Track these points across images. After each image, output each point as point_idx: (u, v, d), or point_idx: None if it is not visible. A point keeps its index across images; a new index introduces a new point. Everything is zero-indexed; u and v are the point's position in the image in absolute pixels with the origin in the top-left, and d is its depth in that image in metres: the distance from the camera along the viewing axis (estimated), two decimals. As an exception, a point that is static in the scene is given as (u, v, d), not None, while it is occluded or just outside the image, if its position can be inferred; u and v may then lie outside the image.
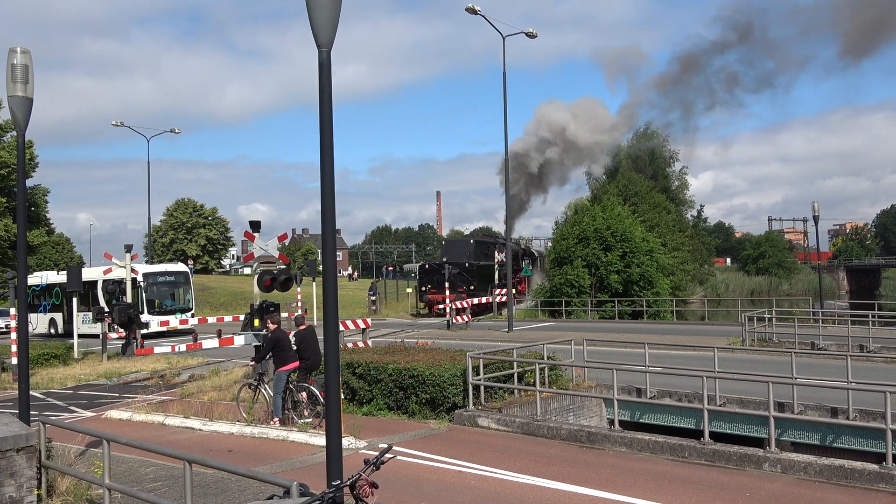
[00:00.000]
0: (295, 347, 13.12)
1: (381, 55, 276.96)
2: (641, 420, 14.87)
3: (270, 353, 13.13)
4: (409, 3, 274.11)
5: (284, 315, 19.63)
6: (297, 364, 12.93)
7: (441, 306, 35.23)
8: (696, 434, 12.46)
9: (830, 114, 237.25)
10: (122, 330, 25.91)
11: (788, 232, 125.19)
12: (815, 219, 37.15)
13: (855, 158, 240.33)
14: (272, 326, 13.33)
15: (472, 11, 30.96)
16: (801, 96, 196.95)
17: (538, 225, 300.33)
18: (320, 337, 7.45)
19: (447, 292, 36.21)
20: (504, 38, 32.63)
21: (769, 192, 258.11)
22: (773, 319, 25.90)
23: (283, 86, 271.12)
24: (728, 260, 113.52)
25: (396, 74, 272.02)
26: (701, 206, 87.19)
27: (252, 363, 14.22)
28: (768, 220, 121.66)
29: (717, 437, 12.01)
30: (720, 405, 13.69)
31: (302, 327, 13.38)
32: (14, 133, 42.08)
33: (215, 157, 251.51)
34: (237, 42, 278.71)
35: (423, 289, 42.49)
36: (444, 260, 43.31)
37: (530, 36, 33.19)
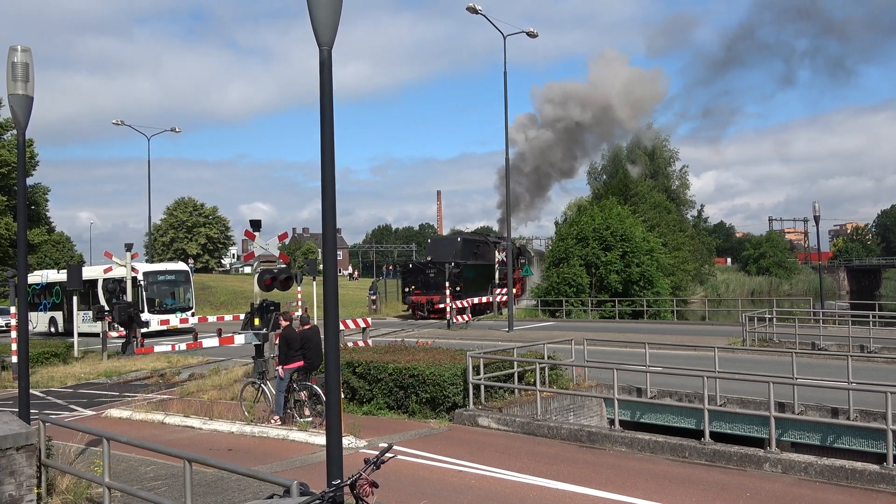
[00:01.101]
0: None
1: (382, 54, 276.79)
2: (642, 420, 14.86)
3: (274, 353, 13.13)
4: (411, 2, 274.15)
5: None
6: (301, 363, 12.93)
7: (438, 307, 32.29)
8: (697, 434, 12.45)
9: (833, 113, 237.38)
10: (122, 329, 25.92)
11: (789, 232, 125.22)
12: (816, 219, 37.14)
13: (856, 158, 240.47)
14: (284, 324, 13.37)
15: (473, 11, 30.94)
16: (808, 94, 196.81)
17: (540, 225, 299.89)
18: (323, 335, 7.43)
19: (431, 293, 34.64)
20: (505, 38, 32.64)
21: (772, 192, 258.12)
22: (774, 319, 25.89)
23: (284, 85, 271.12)
24: (728, 260, 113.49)
25: (397, 74, 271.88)
26: (701, 205, 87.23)
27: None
28: (769, 220, 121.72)
29: (717, 437, 12.00)
30: (721, 405, 13.69)
31: (306, 327, 13.37)
32: (14, 132, 42.09)
33: (216, 156, 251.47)
34: (239, 41, 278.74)
35: (407, 290, 40.03)
36: (429, 259, 41.23)
37: (531, 35, 33.18)
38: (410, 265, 42.35)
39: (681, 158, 70.83)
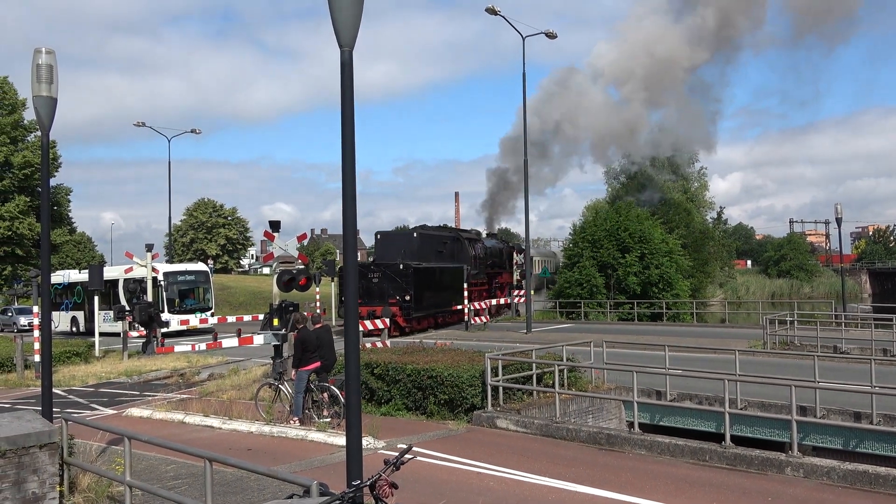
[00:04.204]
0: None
1: (411, 54, 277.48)
2: (661, 423, 14.77)
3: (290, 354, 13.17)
4: (442, 1, 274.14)
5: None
6: (318, 364, 12.97)
7: (369, 324, 23.78)
8: (717, 437, 12.35)
9: (861, 113, 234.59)
10: (142, 328, 26.11)
11: (810, 234, 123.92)
12: (838, 221, 36.71)
13: (884, 159, 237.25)
14: (300, 326, 13.41)
15: (493, 12, 30.92)
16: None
17: (560, 226, 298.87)
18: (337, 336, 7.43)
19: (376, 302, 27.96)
20: (524, 39, 32.59)
21: (797, 194, 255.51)
22: (795, 322, 25.65)
23: (310, 85, 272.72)
24: (749, 262, 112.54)
25: (426, 73, 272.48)
26: (721, 207, 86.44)
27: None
28: (790, 221, 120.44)
29: (738, 440, 11.89)
30: (741, 408, 13.57)
31: (318, 326, 13.40)
32: (38, 133, 42.59)
33: (239, 157, 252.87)
34: (267, 41, 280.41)
35: (344, 298, 32.50)
36: (372, 261, 33.57)
37: (550, 36, 33.08)
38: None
39: (700, 160, 70.13)
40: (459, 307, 33.31)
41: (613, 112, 55.19)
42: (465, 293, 32.96)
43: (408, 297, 29.65)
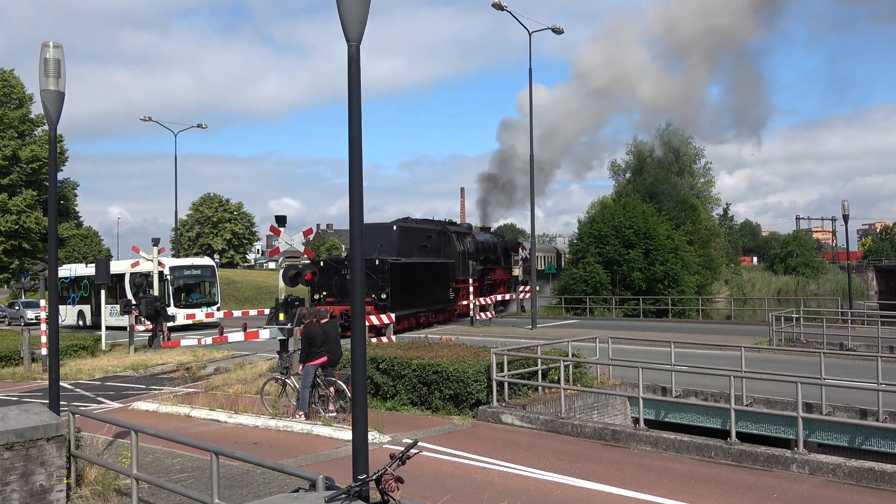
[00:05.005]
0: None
1: (419, 49, 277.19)
2: (666, 419, 14.77)
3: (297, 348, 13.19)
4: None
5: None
6: (325, 359, 12.99)
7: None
8: (723, 434, 12.35)
9: (872, 110, 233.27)
10: (148, 322, 26.21)
11: (817, 231, 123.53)
12: (845, 217, 36.55)
13: (893, 156, 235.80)
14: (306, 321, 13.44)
15: (499, 7, 30.83)
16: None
17: (567, 222, 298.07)
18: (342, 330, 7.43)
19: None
20: (530, 35, 32.51)
21: (806, 191, 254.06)
22: (801, 319, 25.60)
23: (318, 80, 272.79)
24: (755, 259, 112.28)
25: (433, 69, 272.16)
26: (727, 203, 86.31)
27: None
28: (796, 218, 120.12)
29: (743, 437, 11.89)
30: (747, 405, 13.56)
31: (324, 321, 13.42)
32: (45, 128, 42.70)
33: (246, 152, 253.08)
34: (276, 36, 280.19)
35: (317, 297, 28.03)
36: (345, 256, 32.54)
37: (557, 32, 33.01)
38: (322, 262, 29.38)
39: (706, 156, 70.00)
40: (445, 306, 31.55)
41: (665, 77, 54.22)
42: (451, 291, 31.18)
43: (384, 296, 27.07)
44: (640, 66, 54.81)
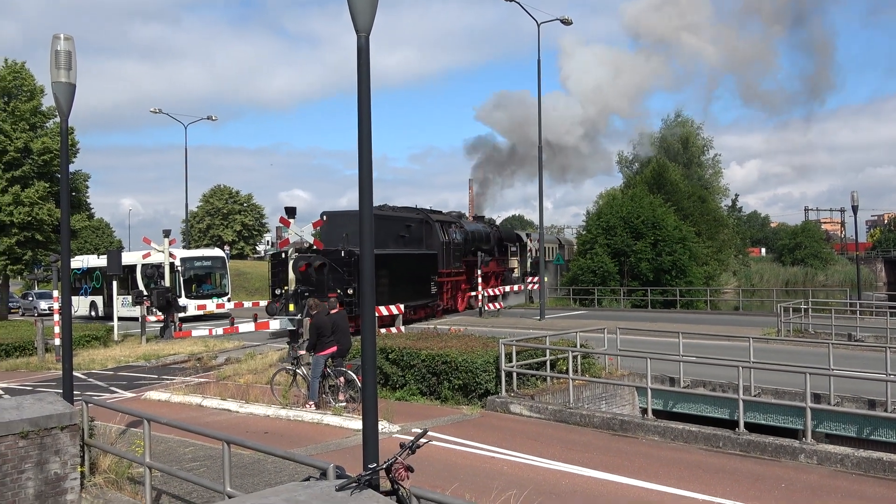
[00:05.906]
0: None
1: (430, 41, 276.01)
2: (674, 409, 14.80)
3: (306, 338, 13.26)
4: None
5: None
6: (334, 349, 13.08)
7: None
8: (730, 424, 12.38)
9: (884, 101, 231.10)
10: (160, 313, 26.39)
11: (826, 222, 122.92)
12: (854, 209, 36.39)
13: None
14: (314, 311, 13.52)
15: (507, -2, 30.74)
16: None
17: (575, 213, 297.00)
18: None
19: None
20: (539, 25, 32.42)
21: (817, 182, 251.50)
22: (810, 310, 25.54)
23: (329, 72, 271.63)
24: (763, 250, 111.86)
25: (444, 60, 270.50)
26: (736, 195, 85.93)
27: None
28: (805, 209, 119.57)
29: (751, 427, 11.92)
30: (755, 395, 13.58)
31: (334, 311, 13.50)
32: (57, 120, 42.85)
33: (256, 143, 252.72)
34: (287, 27, 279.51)
35: (278, 292, 24.24)
36: (308, 246, 27.46)
37: (565, 23, 32.89)
38: (283, 254, 24.30)
39: (715, 146, 69.70)
40: (426, 301, 29.50)
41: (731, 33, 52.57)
42: (433, 285, 29.23)
43: (350, 291, 24.16)
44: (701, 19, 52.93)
